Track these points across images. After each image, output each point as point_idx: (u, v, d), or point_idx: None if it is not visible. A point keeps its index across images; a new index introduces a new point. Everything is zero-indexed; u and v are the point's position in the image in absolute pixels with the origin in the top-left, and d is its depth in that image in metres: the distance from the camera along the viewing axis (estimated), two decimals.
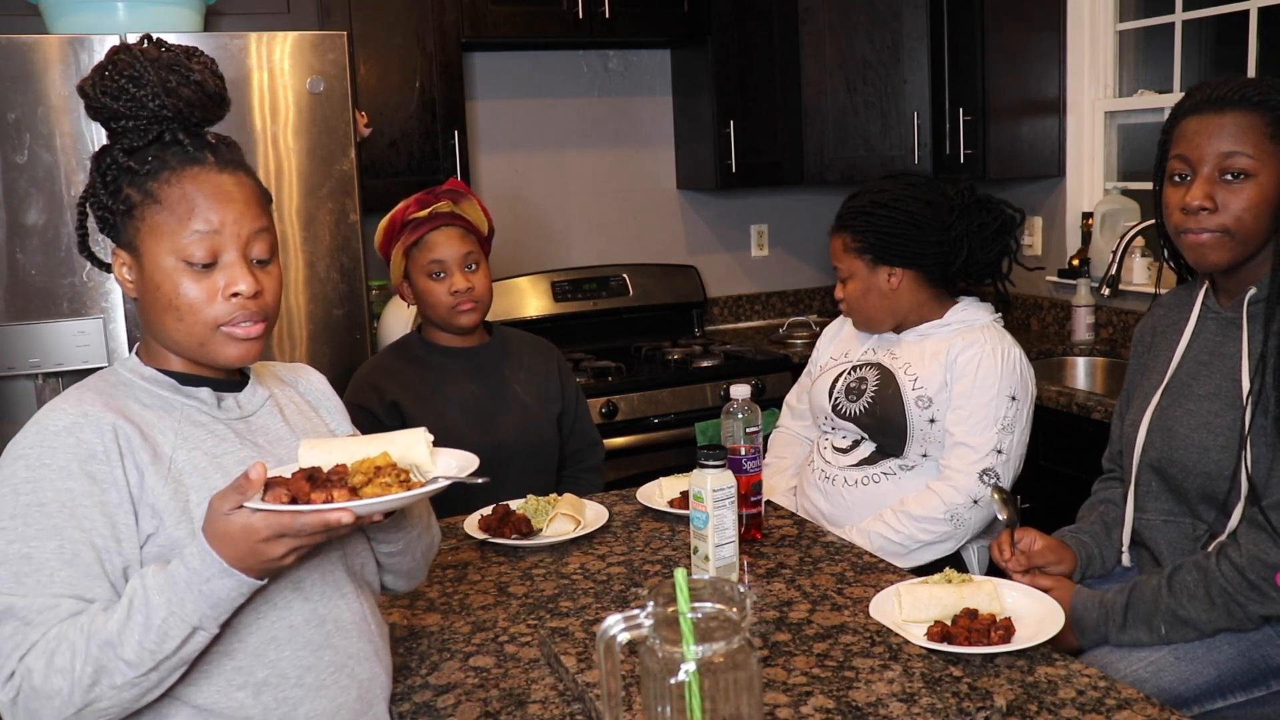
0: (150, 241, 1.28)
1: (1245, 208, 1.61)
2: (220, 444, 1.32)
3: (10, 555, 1.19)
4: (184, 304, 1.28)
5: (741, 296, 4.29)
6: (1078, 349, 3.50)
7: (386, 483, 1.19)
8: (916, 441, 2.17)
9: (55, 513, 1.20)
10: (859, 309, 2.27)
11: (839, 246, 2.26)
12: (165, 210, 1.27)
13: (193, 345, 1.30)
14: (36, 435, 1.23)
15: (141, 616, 1.15)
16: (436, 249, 2.26)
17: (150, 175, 1.28)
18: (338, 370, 2.86)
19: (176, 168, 1.28)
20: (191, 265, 1.27)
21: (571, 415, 2.45)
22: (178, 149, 1.29)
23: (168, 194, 1.27)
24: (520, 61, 3.86)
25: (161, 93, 1.28)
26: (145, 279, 1.29)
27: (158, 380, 1.33)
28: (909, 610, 1.54)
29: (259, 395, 1.41)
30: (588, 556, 1.87)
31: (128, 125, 1.29)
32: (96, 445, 1.23)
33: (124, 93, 1.28)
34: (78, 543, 1.20)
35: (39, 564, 1.18)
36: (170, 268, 1.27)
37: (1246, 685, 1.62)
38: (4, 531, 1.20)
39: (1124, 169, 3.61)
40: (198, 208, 1.27)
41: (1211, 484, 1.65)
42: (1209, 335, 1.75)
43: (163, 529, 1.24)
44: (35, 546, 1.19)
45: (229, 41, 2.71)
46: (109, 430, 1.24)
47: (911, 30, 3.67)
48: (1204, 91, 1.66)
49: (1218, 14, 3.23)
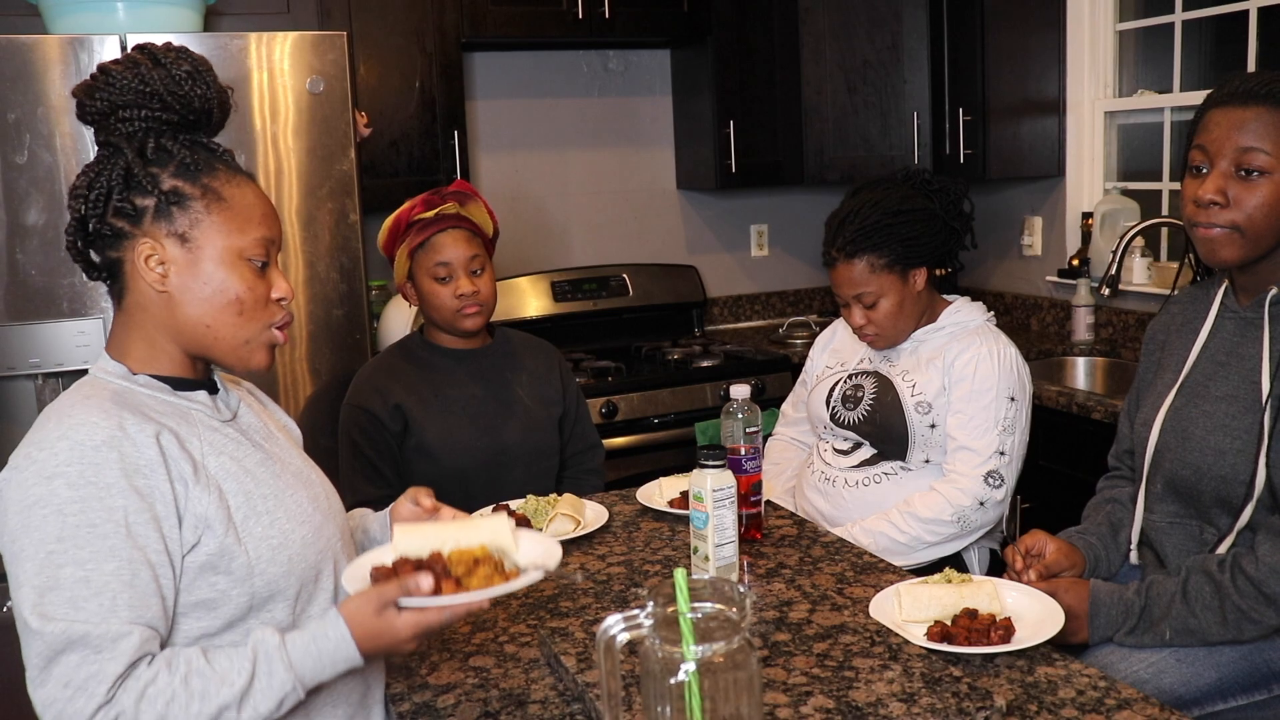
0: (212, 235, 1.28)
1: (1258, 205, 1.58)
2: (237, 447, 1.32)
3: (64, 580, 1.14)
4: (250, 298, 1.30)
5: (741, 296, 4.29)
6: (1078, 349, 3.50)
7: (488, 574, 1.27)
8: (918, 447, 2.17)
9: (110, 533, 1.17)
10: (891, 327, 2.19)
11: (862, 271, 2.15)
12: (232, 209, 1.29)
13: (235, 342, 1.32)
14: (71, 451, 1.18)
15: (264, 683, 1.18)
16: (443, 252, 2.25)
17: (203, 172, 1.29)
18: (337, 371, 2.86)
19: (229, 173, 1.31)
20: (252, 264, 1.31)
21: (572, 417, 2.44)
22: (209, 155, 1.31)
23: (233, 194, 1.30)
24: (520, 61, 3.86)
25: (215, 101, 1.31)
26: (201, 273, 1.28)
27: (155, 386, 1.31)
28: (909, 610, 1.54)
29: (233, 396, 1.42)
30: (588, 556, 1.87)
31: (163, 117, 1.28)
32: (139, 458, 1.20)
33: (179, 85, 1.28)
34: (136, 562, 1.17)
35: (99, 587, 1.15)
36: (234, 264, 1.29)
37: (1248, 688, 1.61)
38: (52, 555, 1.15)
39: (1124, 169, 3.61)
40: (264, 215, 1.32)
41: (1227, 488, 1.63)
42: (1226, 335, 1.72)
43: (210, 537, 1.24)
44: (92, 569, 1.15)
45: (229, 41, 2.71)
46: (151, 442, 1.22)
47: (911, 30, 3.67)
48: (1233, 84, 1.62)
49: (1218, 14, 3.23)
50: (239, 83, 2.71)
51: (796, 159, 3.85)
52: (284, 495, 1.33)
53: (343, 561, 1.40)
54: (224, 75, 2.87)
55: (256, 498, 1.30)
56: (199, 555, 1.23)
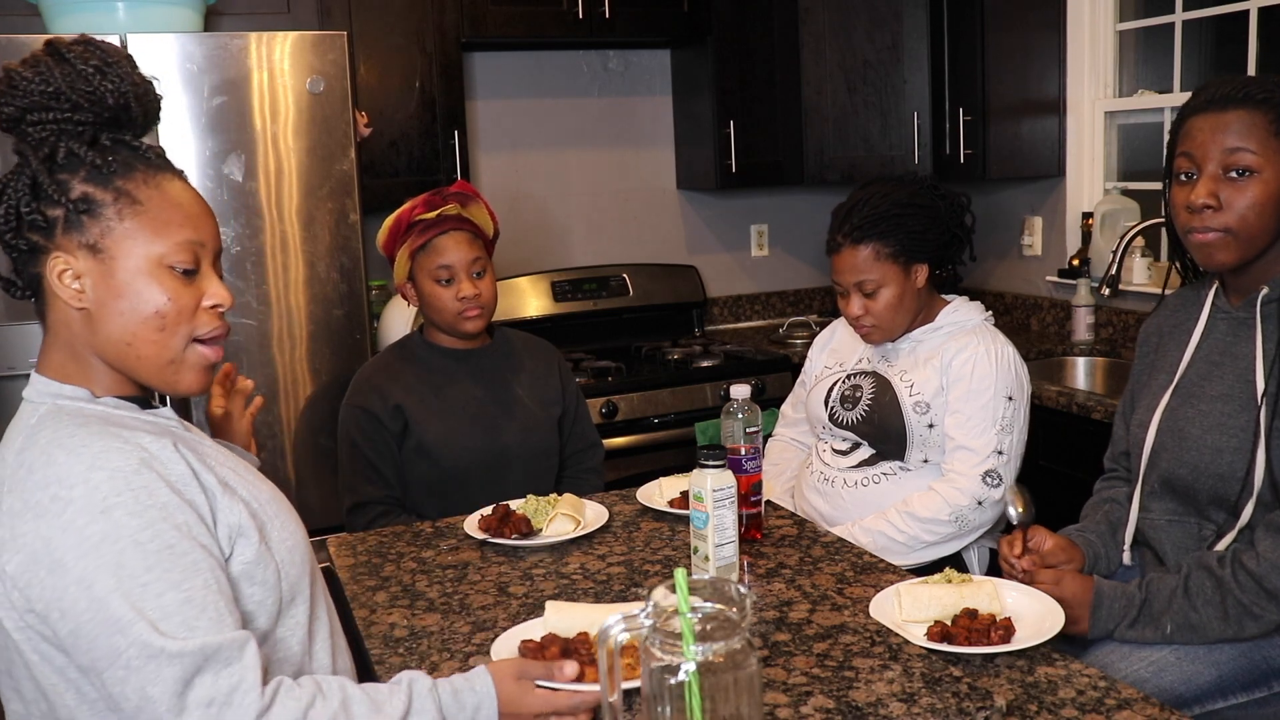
0: (128, 244, 1.18)
1: (1249, 205, 1.60)
2: (227, 458, 1.30)
3: (169, 606, 1.10)
4: (170, 310, 1.20)
5: (741, 296, 4.29)
6: (1078, 349, 3.50)
7: (631, 664, 1.30)
8: (916, 447, 2.17)
9: (189, 549, 1.13)
10: (889, 320, 2.19)
11: (867, 257, 2.15)
12: (148, 212, 1.19)
13: (160, 362, 1.22)
14: (113, 480, 1.12)
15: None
16: (444, 254, 2.24)
17: (118, 174, 1.19)
18: (337, 371, 2.86)
19: (148, 172, 1.20)
20: (174, 271, 1.20)
21: (572, 417, 2.44)
22: (130, 153, 1.21)
23: (150, 196, 1.19)
24: (520, 61, 3.86)
25: (131, 94, 1.21)
26: (116, 285, 1.19)
27: (124, 406, 1.24)
28: (909, 610, 1.54)
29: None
30: (588, 556, 1.87)
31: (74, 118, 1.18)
32: (174, 473, 1.17)
33: (87, 82, 1.18)
34: (216, 570, 1.16)
35: (201, 603, 1.12)
36: (152, 272, 1.19)
37: (1248, 686, 1.61)
38: (148, 587, 1.10)
39: (1124, 169, 3.61)
40: (187, 215, 1.21)
41: (1224, 486, 1.64)
42: (1220, 335, 1.73)
43: (245, 545, 1.21)
44: (189, 589, 1.11)
45: (229, 41, 2.71)
46: (176, 456, 1.18)
47: (911, 30, 3.67)
48: (1209, 90, 1.66)
49: (1218, 14, 3.23)
50: (239, 83, 2.72)
51: (796, 159, 3.85)
52: (277, 498, 1.33)
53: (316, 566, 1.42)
54: (224, 75, 2.87)
55: (264, 502, 1.29)
56: (235, 565, 1.21)
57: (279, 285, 2.81)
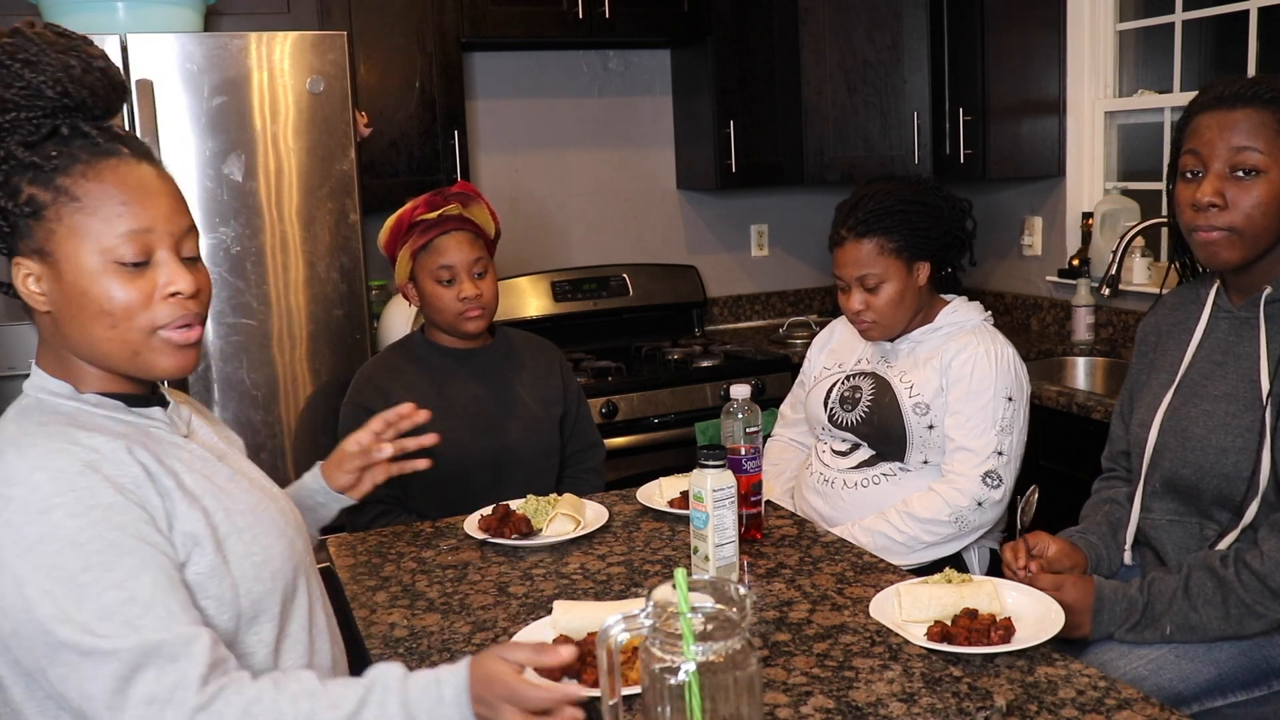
0: (69, 244, 1.14)
1: (1255, 205, 1.60)
2: (204, 463, 1.26)
3: (110, 605, 1.06)
4: (118, 308, 1.16)
5: (741, 296, 4.29)
6: (1078, 349, 3.50)
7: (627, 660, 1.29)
8: (916, 448, 2.17)
9: (133, 547, 1.10)
10: (889, 316, 2.18)
11: (871, 251, 2.15)
12: (87, 208, 1.14)
13: (125, 356, 1.19)
14: (55, 482, 1.09)
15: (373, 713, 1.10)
16: (446, 254, 2.24)
17: (59, 171, 1.14)
18: (337, 371, 2.86)
19: (90, 161, 1.15)
20: (123, 266, 1.15)
21: (573, 417, 2.44)
22: (84, 141, 1.16)
23: (87, 190, 1.14)
24: (520, 61, 3.86)
25: (65, 79, 1.15)
26: (65, 287, 1.16)
27: (107, 405, 1.22)
28: (909, 610, 1.54)
29: (184, 410, 1.33)
30: (588, 556, 1.87)
31: (20, 118, 1.14)
32: (124, 475, 1.14)
33: (18, 78, 1.13)
34: (168, 569, 1.12)
35: (147, 600, 1.08)
36: (97, 270, 1.15)
37: (1247, 684, 1.61)
38: (86, 588, 1.06)
39: (1124, 169, 3.61)
40: (126, 203, 1.15)
41: (1228, 485, 1.64)
42: (1221, 335, 1.73)
43: (200, 555, 1.18)
44: (132, 586, 1.08)
45: (229, 41, 2.71)
46: (129, 458, 1.15)
47: (911, 30, 3.67)
48: (1217, 88, 1.65)
49: (1218, 14, 3.23)
50: (239, 82, 2.72)
51: (796, 159, 3.85)
52: (257, 510, 1.28)
53: (313, 574, 1.38)
54: (224, 75, 2.88)
55: (235, 514, 1.24)
56: (189, 574, 1.17)
57: (279, 285, 2.81)
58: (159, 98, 2.65)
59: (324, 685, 1.12)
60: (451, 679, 1.14)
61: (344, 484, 1.67)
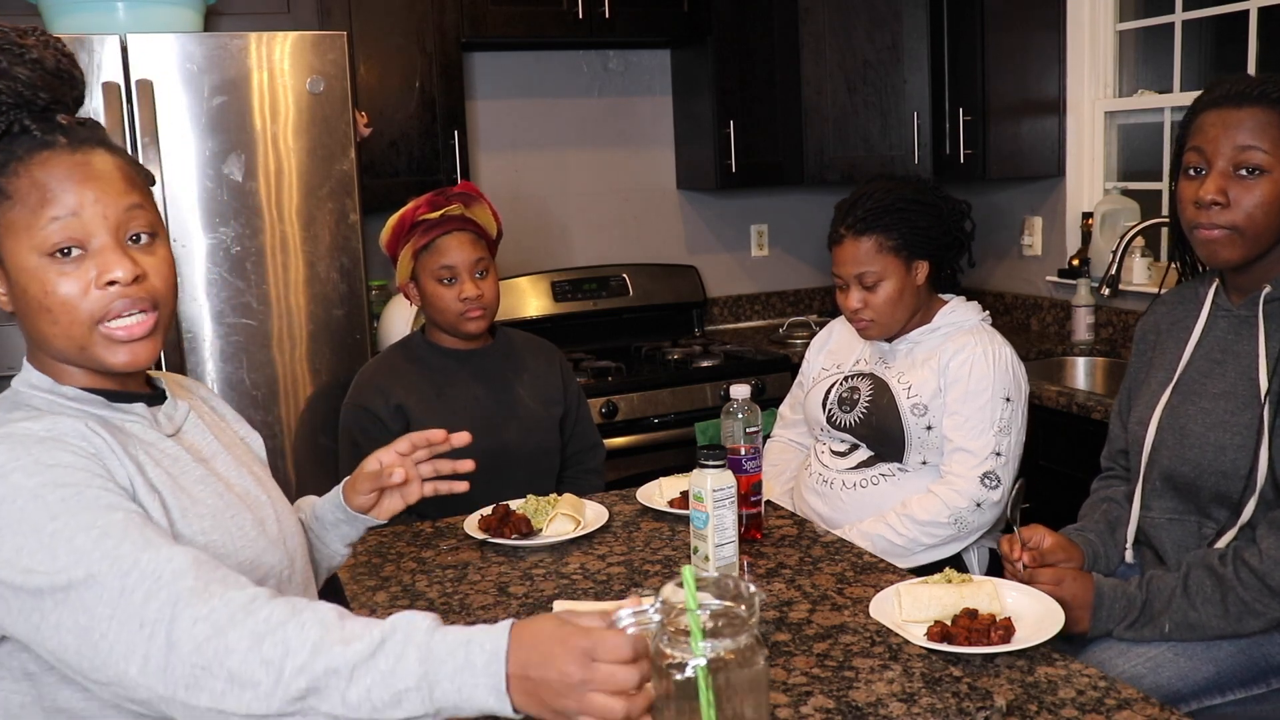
0: (9, 242, 1.14)
1: (1257, 204, 1.60)
2: (174, 463, 1.23)
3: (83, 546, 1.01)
4: (56, 303, 1.13)
5: (741, 296, 4.29)
6: (1078, 349, 3.50)
7: None
8: (915, 449, 2.16)
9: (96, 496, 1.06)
10: (888, 314, 2.18)
11: (870, 249, 2.15)
12: (17, 204, 1.13)
13: (74, 351, 1.17)
14: (13, 449, 1.08)
15: (386, 665, 0.95)
16: (447, 254, 2.24)
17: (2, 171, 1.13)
18: (337, 371, 2.87)
19: (24, 157, 1.13)
20: (55, 257, 1.13)
21: (573, 417, 2.44)
22: (25, 138, 1.14)
23: (17, 186, 1.13)
24: (520, 61, 3.86)
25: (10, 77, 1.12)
26: (14, 287, 1.15)
27: (85, 399, 1.20)
28: (909, 610, 1.54)
29: (181, 408, 1.30)
30: (588, 556, 1.87)
31: None
32: (86, 445, 1.11)
33: None
34: (135, 511, 1.07)
35: (121, 533, 1.03)
36: (34, 266, 1.13)
37: (1246, 682, 1.62)
38: (57, 535, 1.02)
39: (1124, 169, 3.61)
40: (51, 193, 1.13)
41: (1227, 483, 1.64)
42: (1220, 333, 1.73)
43: None
44: (104, 522, 1.03)
45: (229, 41, 2.71)
46: (90, 433, 1.13)
47: (911, 30, 3.67)
48: (1224, 86, 1.64)
49: (1218, 14, 3.23)
50: (239, 83, 2.72)
51: (796, 159, 3.85)
52: (222, 516, 1.23)
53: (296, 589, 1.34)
54: (224, 75, 2.88)
55: (192, 516, 1.20)
56: None
57: (279, 285, 2.81)
58: (159, 98, 2.65)
59: (341, 619, 0.99)
60: (486, 641, 0.96)
61: (362, 504, 1.56)
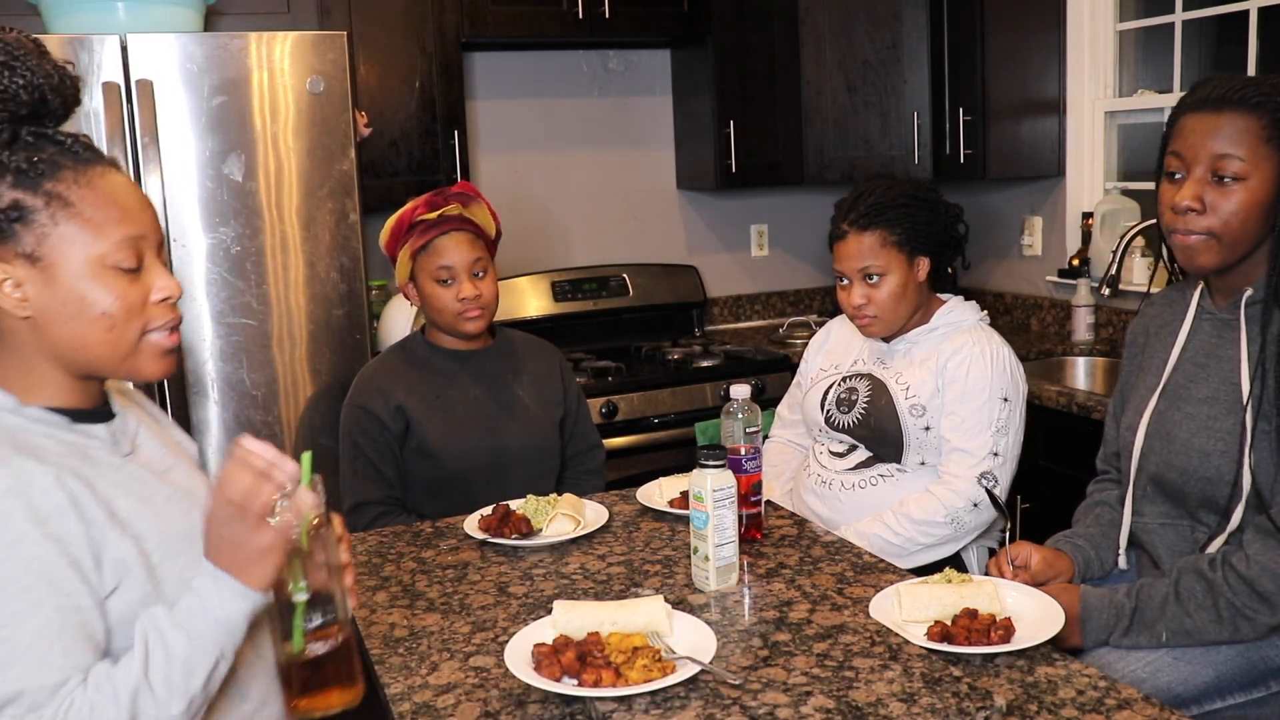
0: (65, 248, 1.15)
1: (1234, 211, 1.58)
2: (143, 485, 1.23)
3: None
4: (118, 312, 1.18)
5: (741, 296, 4.29)
6: (1078, 349, 3.50)
7: (646, 665, 1.34)
8: (913, 450, 2.16)
9: (30, 585, 1.07)
10: (890, 310, 2.18)
11: (873, 244, 2.16)
12: (82, 214, 1.15)
13: (116, 359, 1.20)
14: None
15: (160, 655, 1.11)
16: (446, 254, 2.24)
17: (46, 176, 1.14)
18: (337, 371, 2.87)
19: (77, 168, 1.16)
20: (120, 270, 1.18)
21: (573, 418, 2.44)
22: (58, 148, 1.16)
23: (83, 196, 1.15)
24: (520, 61, 3.87)
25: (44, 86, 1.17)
26: (61, 291, 1.16)
27: (50, 420, 1.20)
28: (909, 610, 1.54)
29: (131, 421, 1.31)
30: (588, 556, 1.87)
31: None
32: (47, 503, 1.10)
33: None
34: (65, 610, 1.09)
35: (25, 645, 1.06)
36: (95, 275, 1.16)
37: (1245, 686, 1.61)
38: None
39: (1124, 169, 3.61)
40: (123, 210, 1.18)
41: (1213, 488, 1.64)
42: (1205, 337, 1.72)
43: (131, 583, 1.15)
44: (15, 629, 1.06)
45: (229, 41, 2.71)
46: (54, 486, 1.11)
47: (911, 30, 3.67)
48: (1206, 89, 1.63)
49: (1218, 14, 3.23)
50: (239, 83, 2.72)
51: (796, 159, 3.85)
52: (193, 534, 1.22)
53: None
54: (224, 75, 2.88)
55: (171, 538, 1.21)
56: (119, 604, 1.15)
57: (279, 285, 2.81)
58: (159, 98, 2.65)
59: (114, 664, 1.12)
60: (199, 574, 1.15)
61: None
